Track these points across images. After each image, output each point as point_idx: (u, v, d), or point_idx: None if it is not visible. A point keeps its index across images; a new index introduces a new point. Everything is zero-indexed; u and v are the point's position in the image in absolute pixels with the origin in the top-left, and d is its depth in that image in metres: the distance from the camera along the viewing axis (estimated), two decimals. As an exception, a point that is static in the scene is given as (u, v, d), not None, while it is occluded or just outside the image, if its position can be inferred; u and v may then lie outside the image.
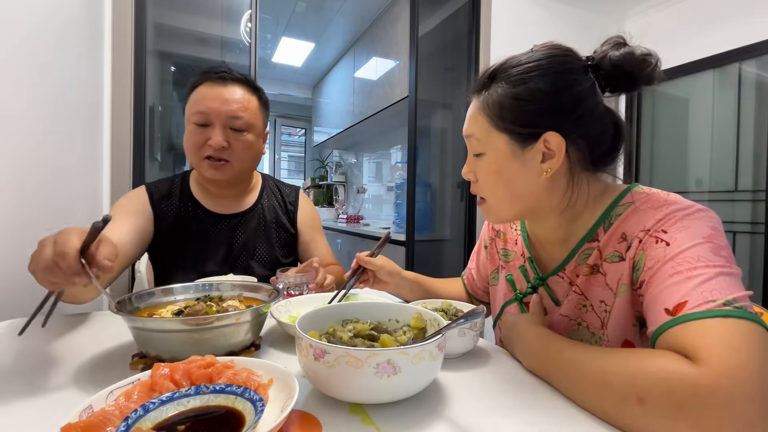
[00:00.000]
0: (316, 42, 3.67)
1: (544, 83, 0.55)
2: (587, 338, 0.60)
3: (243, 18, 1.98)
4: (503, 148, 0.58)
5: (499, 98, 0.57)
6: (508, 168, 0.59)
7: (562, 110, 0.56)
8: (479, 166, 0.62)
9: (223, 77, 0.91)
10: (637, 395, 0.39)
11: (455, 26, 2.48)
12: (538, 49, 0.59)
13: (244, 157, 0.93)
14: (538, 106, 0.56)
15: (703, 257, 0.45)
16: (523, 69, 0.57)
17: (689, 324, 0.41)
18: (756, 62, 2.23)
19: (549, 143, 0.56)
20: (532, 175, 0.58)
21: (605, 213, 0.58)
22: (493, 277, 0.80)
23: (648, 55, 0.55)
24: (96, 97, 1.46)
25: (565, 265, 0.63)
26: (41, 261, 0.47)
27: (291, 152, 5.50)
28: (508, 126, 0.57)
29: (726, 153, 2.34)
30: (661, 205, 0.52)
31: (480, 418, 0.42)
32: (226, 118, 0.89)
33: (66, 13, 1.15)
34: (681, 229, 0.49)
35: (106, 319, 0.74)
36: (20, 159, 0.90)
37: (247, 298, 0.67)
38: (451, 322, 0.48)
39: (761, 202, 2.18)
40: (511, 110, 0.57)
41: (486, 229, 0.85)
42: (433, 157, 2.80)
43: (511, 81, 0.57)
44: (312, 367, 0.42)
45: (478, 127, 0.60)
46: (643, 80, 0.56)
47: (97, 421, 0.32)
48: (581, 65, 0.58)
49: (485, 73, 0.61)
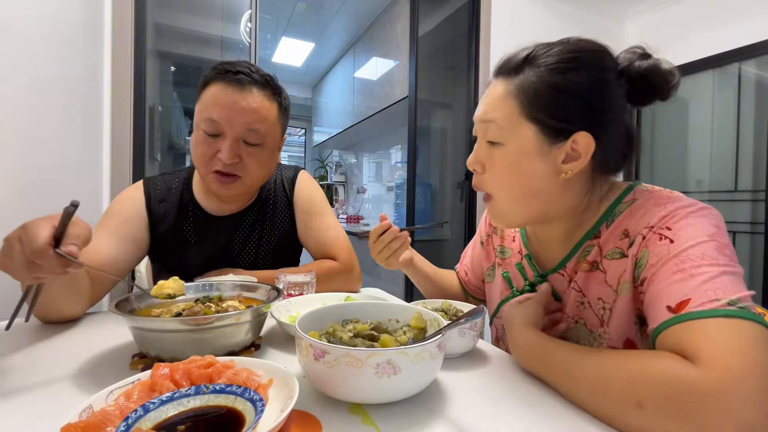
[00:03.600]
0: (316, 42, 3.67)
1: (584, 77, 0.53)
2: (585, 336, 0.60)
3: (243, 18, 1.98)
4: (529, 140, 0.54)
5: (536, 84, 0.53)
6: (528, 163, 0.55)
7: (596, 109, 0.54)
8: (493, 156, 0.57)
9: (240, 80, 0.79)
10: (635, 399, 0.39)
11: (455, 26, 2.48)
12: (573, 41, 0.56)
13: (257, 173, 0.84)
14: (575, 99, 0.53)
15: (708, 255, 0.45)
16: (564, 58, 0.53)
17: (692, 323, 0.41)
18: (756, 62, 2.23)
19: (577, 144, 0.53)
20: (550, 174, 0.55)
21: (608, 210, 0.58)
22: (489, 274, 0.80)
23: (673, 68, 0.55)
24: (96, 97, 1.46)
25: (566, 262, 0.62)
26: (16, 261, 0.46)
27: (291, 152, 5.50)
28: (541, 116, 0.53)
29: (726, 153, 2.34)
30: (665, 203, 0.52)
31: (480, 418, 0.42)
32: (240, 131, 0.79)
33: (66, 13, 1.15)
34: (685, 227, 0.48)
35: (106, 319, 0.74)
36: (20, 159, 0.90)
37: (247, 298, 0.67)
38: (451, 322, 0.48)
39: (761, 202, 2.18)
40: (547, 99, 0.53)
41: (483, 224, 0.84)
42: (433, 157, 2.80)
43: (549, 68, 0.53)
44: (312, 367, 0.42)
45: (504, 113, 0.55)
46: (663, 95, 0.55)
47: (97, 421, 0.32)
48: (615, 67, 0.56)
49: (518, 56, 0.56)
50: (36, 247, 0.45)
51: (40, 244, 0.45)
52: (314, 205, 1.01)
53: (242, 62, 0.83)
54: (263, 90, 0.82)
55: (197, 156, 0.82)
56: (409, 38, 2.29)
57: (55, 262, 0.47)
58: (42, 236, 0.45)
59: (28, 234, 0.46)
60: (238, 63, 0.82)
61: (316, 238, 0.99)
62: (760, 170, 2.19)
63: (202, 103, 0.80)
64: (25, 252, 0.45)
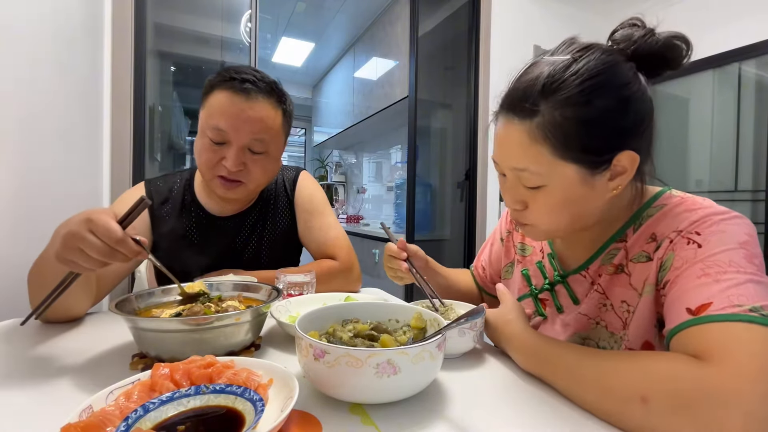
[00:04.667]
0: (316, 42, 3.67)
1: (610, 100, 0.49)
2: (605, 337, 0.59)
3: (243, 18, 1.98)
4: (571, 177, 0.51)
5: (563, 123, 0.49)
6: (575, 195, 0.52)
7: (631, 126, 0.50)
8: (536, 197, 0.54)
9: (247, 90, 0.79)
10: (640, 394, 0.39)
11: (455, 26, 2.48)
12: (575, 51, 0.51)
13: (260, 178, 0.86)
14: (608, 127, 0.49)
15: (735, 262, 0.44)
16: (585, 87, 0.48)
17: (710, 325, 0.41)
18: (756, 62, 2.23)
19: (620, 161, 0.51)
20: (600, 195, 0.53)
21: (636, 214, 0.58)
22: (507, 270, 0.79)
23: (684, 37, 0.51)
24: (96, 97, 1.46)
25: (590, 264, 0.62)
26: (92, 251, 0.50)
27: (291, 152, 5.50)
28: (578, 155, 0.50)
29: (726, 153, 2.34)
30: (696, 208, 0.51)
31: (480, 418, 0.42)
32: (246, 140, 0.80)
33: (66, 13, 1.15)
34: (716, 233, 0.47)
35: (106, 319, 0.74)
36: (20, 159, 0.90)
37: (247, 298, 0.67)
38: (451, 322, 0.48)
39: (761, 202, 2.18)
40: (579, 137, 0.49)
41: (504, 220, 0.83)
42: (433, 157, 2.80)
43: (571, 102, 0.48)
44: (312, 367, 0.42)
45: (535, 159, 0.51)
46: (675, 65, 0.52)
47: (97, 421, 0.32)
48: (627, 63, 0.51)
49: (529, 90, 0.51)
50: (118, 236, 0.51)
51: (120, 233, 0.51)
52: (315, 204, 1.02)
53: (247, 68, 0.83)
54: (269, 98, 0.82)
55: (202, 162, 0.83)
56: (409, 38, 2.29)
57: (133, 251, 0.52)
58: (118, 226, 0.51)
59: (98, 225, 0.50)
60: (244, 69, 0.82)
61: (317, 238, 0.99)
62: (760, 170, 2.19)
63: (208, 109, 0.81)
64: (103, 239, 0.50)
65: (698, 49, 0.56)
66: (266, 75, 0.84)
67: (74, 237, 0.50)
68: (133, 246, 0.52)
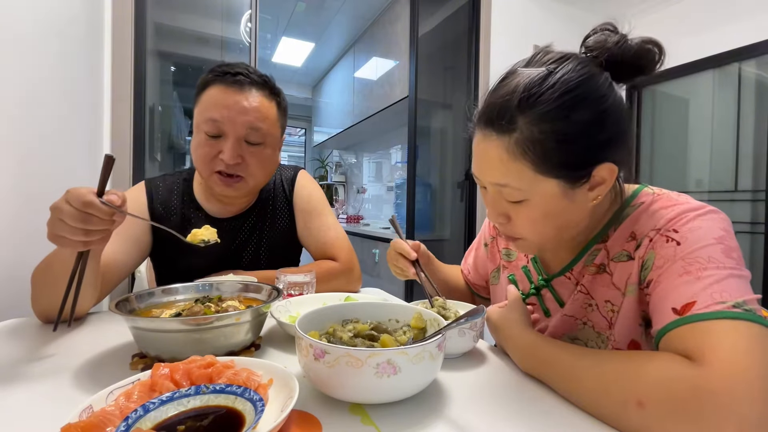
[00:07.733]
0: (316, 42, 3.67)
1: (587, 115, 0.48)
2: (592, 338, 0.60)
3: (243, 18, 1.98)
4: (552, 191, 0.51)
5: (541, 139, 0.48)
6: (557, 208, 0.53)
7: (609, 138, 0.50)
8: (518, 211, 0.55)
9: (240, 81, 0.80)
10: (636, 398, 0.39)
11: (455, 26, 2.48)
12: (550, 62, 0.51)
13: (259, 173, 0.85)
14: (588, 142, 0.49)
15: (714, 258, 0.45)
16: (563, 103, 0.48)
17: (696, 324, 0.41)
18: (756, 62, 2.23)
19: (599, 172, 0.51)
20: (581, 206, 0.54)
21: (615, 214, 0.58)
22: (494, 276, 0.80)
23: (657, 42, 0.52)
24: (96, 96, 1.46)
25: (573, 265, 0.62)
26: (67, 218, 0.52)
27: (291, 152, 5.50)
28: (558, 170, 0.50)
29: (726, 153, 2.34)
30: (672, 205, 0.52)
31: (480, 418, 0.42)
32: (242, 130, 0.80)
33: (66, 13, 1.15)
34: (693, 229, 0.48)
35: (106, 319, 0.74)
36: (19, 159, 0.90)
37: (247, 298, 0.67)
38: (451, 322, 0.48)
39: (761, 202, 2.18)
40: (558, 153, 0.49)
41: (487, 226, 0.84)
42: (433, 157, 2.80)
43: (548, 116, 0.48)
44: (312, 367, 0.42)
45: (516, 175, 0.51)
46: (649, 71, 0.52)
47: (97, 421, 0.32)
48: (601, 73, 0.51)
49: (505, 105, 0.50)
50: (85, 199, 0.52)
51: (87, 195, 0.52)
52: (313, 204, 1.01)
53: (240, 64, 0.84)
54: (262, 90, 0.83)
55: (199, 158, 0.82)
56: (409, 38, 2.29)
57: (103, 211, 0.54)
58: (86, 189, 0.53)
59: (72, 193, 0.53)
60: (236, 65, 0.83)
61: (316, 238, 0.99)
62: (760, 170, 2.19)
63: (202, 105, 0.81)
64: (74, 205, 0.52)
65: (698, 49, 0.56)
66: (259, 70, 0.85)
67: (54, 210, 0.54)
68: (102, 207, 0.53)
